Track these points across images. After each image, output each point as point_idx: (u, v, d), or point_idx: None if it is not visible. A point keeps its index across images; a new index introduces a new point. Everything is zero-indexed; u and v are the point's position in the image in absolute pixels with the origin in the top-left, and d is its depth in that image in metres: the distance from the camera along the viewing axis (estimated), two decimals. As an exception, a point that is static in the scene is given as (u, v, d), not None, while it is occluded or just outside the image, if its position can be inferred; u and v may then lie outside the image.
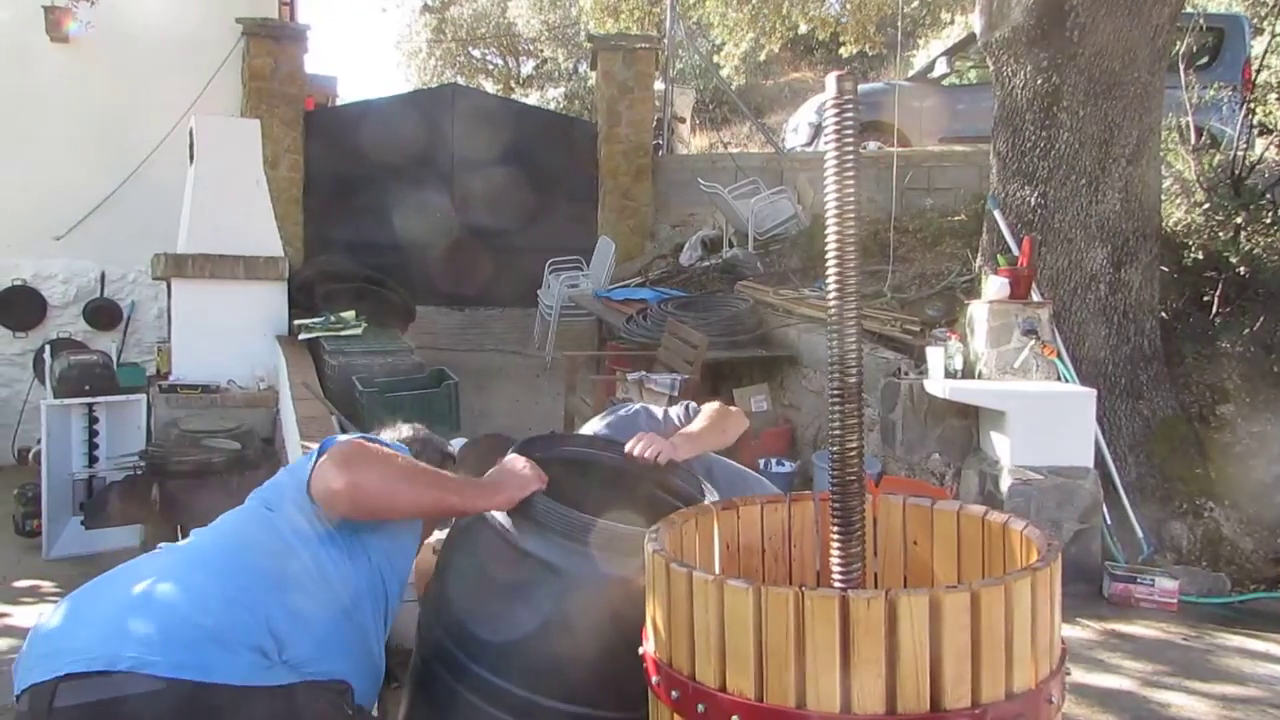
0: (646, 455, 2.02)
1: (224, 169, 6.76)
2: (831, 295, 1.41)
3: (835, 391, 1.42)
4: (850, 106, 1.38)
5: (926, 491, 4.89)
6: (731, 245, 8.17)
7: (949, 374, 4.95)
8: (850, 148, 1.38)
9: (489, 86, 19.93)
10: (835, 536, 1.44)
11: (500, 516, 1.78)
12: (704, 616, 1.27)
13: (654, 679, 1.38)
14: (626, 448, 2.04)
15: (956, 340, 5.08)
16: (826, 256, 1.42)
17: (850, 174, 1.38)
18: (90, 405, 6.01)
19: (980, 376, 4.94)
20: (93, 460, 6.00)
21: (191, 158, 6.80)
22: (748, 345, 6.30)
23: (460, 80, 18.93)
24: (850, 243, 1.40)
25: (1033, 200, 5.29)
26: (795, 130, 10.41)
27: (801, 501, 1.73)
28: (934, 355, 4.98)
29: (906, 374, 5.20)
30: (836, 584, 1.45)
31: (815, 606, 1.19)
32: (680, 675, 1.32)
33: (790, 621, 1.20)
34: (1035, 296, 5.02)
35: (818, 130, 9.77)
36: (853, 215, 1.40)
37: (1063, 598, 2.98)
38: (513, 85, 20.19)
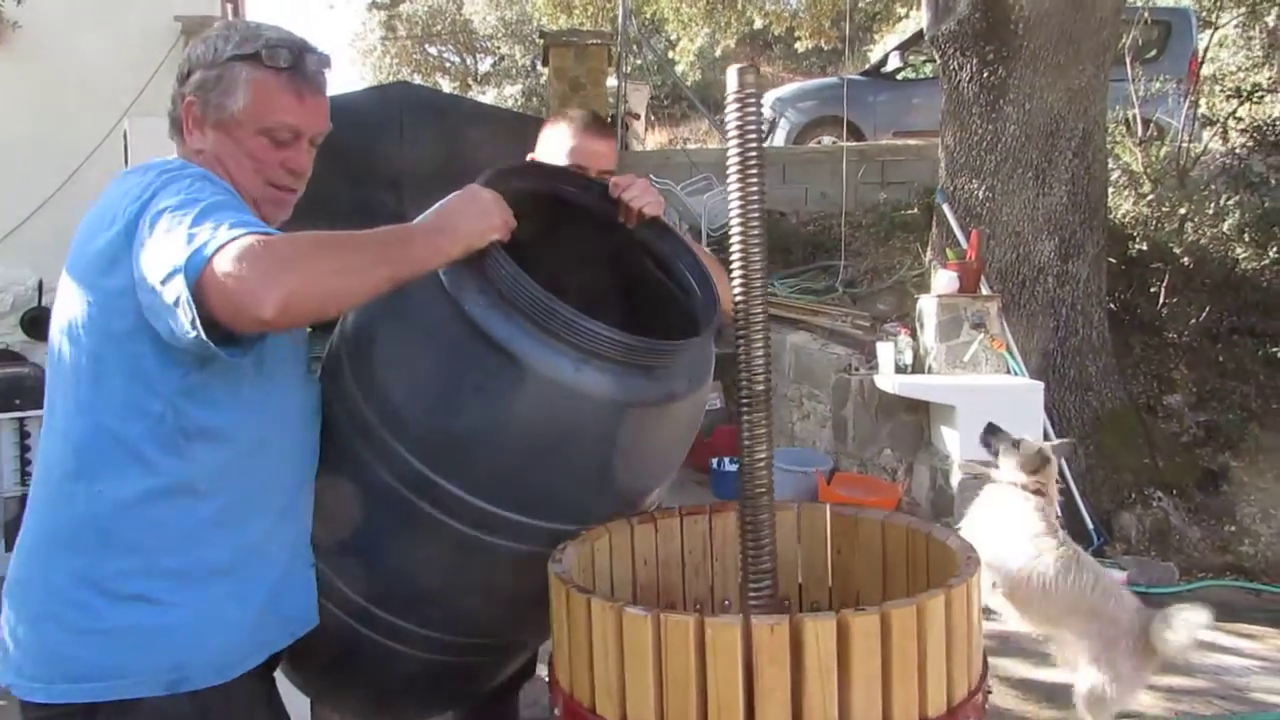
0: (635, 203, 1.65)
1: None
2: (738, 298, 1.34)
3: (744, 399, 1.35)
4: (752, 101, 1.31)
5: (878, 488, 4.86)
6: (686, 242, 8.11)
7: (899, 369, 4.93)
8: (753, 144, 1.32)
9: (446, 84, 19.73)
10: (747, 553, 1.38)
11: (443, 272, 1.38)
12: (603, 646, 1.20)
13: (555, 710, 1.30)
14: (613, 183, 1.67)
15: (906, 335, 5.06)
16: (731, 257, 1.34)
17: (754, 171, 1.31)
18: (21, 420, 5.80)
19: (930, 371, 4.93)
20: (25, 478, 5.79)
21: (126, 160, 6.61)
22: (700, 343, 6.25)
23: (417, 78, 18.72)
24: (756, 243, 1.33)
25: (980, 194, 5.28)
26: (750, 125, 10.35)
27: (723, 512, 1.67)
28: (884, 350, 4.95)
29: (857, 370, 5.17)
30: (751, 601, 1.38)
31: (716, 635, 1.12)
32: (582, 707, 1.24)
33: (691, 651, 1.13)
34: (984, 290, 5.01)
35: (772, 125, 9.74)
36: (758, 214, 1.33)
37: (1005, 597, 2.89)
38: (470, 83, 20.00)
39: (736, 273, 1.35)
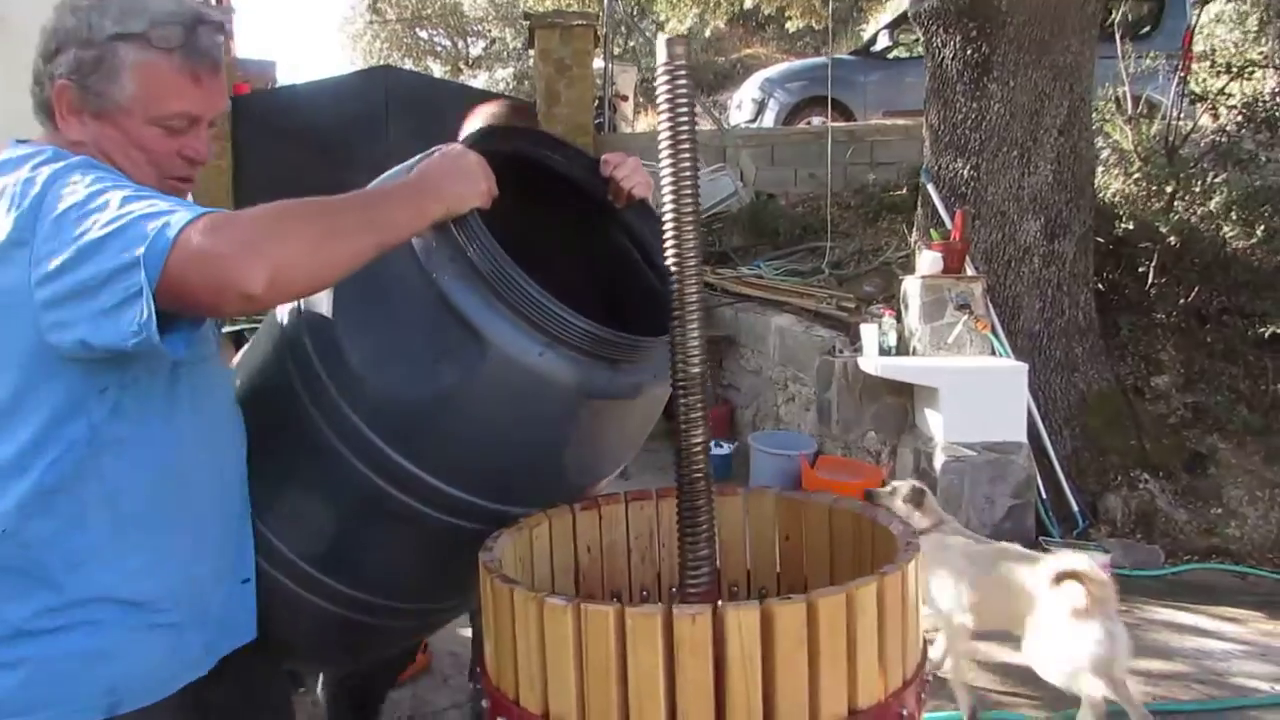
0: (625, 182, 1.56)
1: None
2: (672, 277, 1.30)
3: (679, 383, 1.31)
4: (683, 72, 1.26)
5: (862, 471, 4.82)
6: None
7: (883, 351, 4.88)
8: (685, 117, 1.27)
9: (436, 68, 19.59)
10: (683, 540, 1.34)
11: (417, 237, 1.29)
12: (525, 637, 1.16)
13: (484, 703, 1.27)
14: (604, 159, 1.59)
15: (890, 316, 5.01)
16: (664, 235, 1.30)
17: (686, 146, 1.27)
18: None
19: (914, 353, 4.88)
20: None
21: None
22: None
23: (408, 63, 18.58)
24: (688, 220, 1.28)
25: (965, 173, 5.22)
26: (739, 107, 10.30)
27: (670, 497, 1.62)
28: (868, 332, 4.90)
29: (841, 352, 5.12)
30: (687, 590, 1.34)
31: (636, 625, 1.08)
32: (507, 699, 1.21)
33: (611, 642, 1.09)
34: (969, 270, 4.96)
35: (761, 106, 9.66)
36: (691, 191, 1.28)
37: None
38: (461, 67, 19.86)
39: (670, 252, 1.30)
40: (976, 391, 4.54)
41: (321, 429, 1.40)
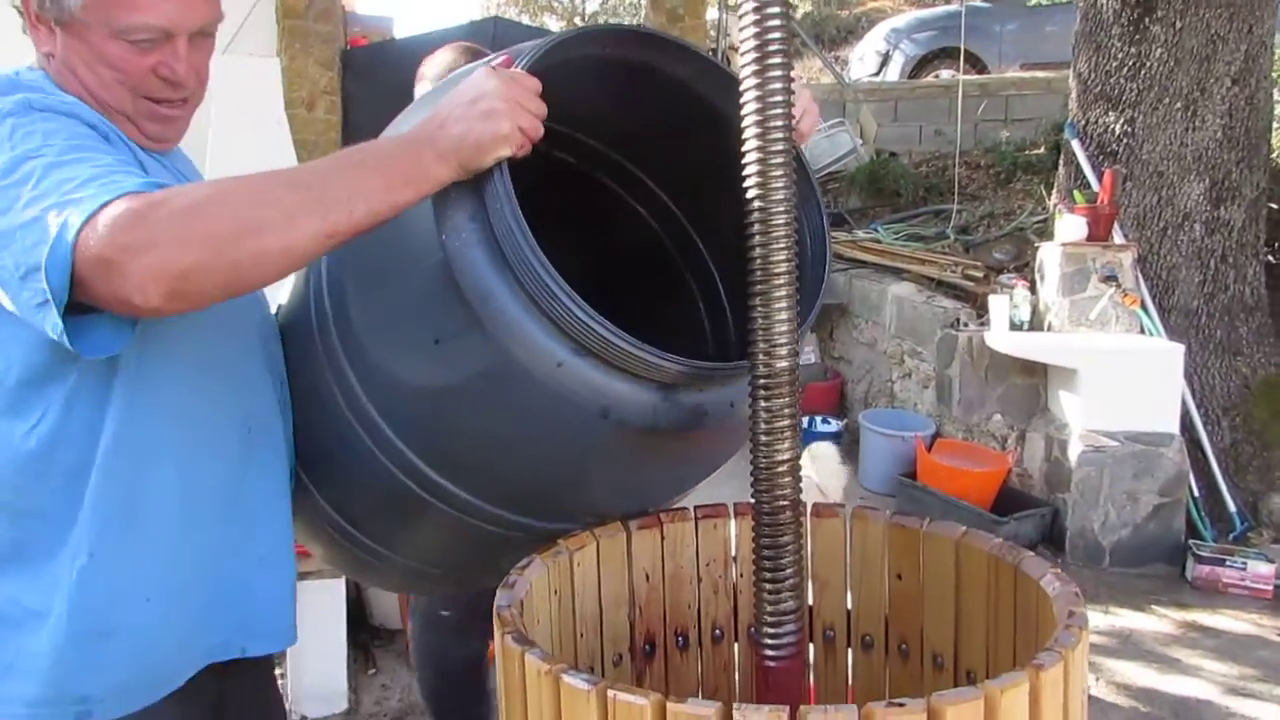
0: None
1: (242, 110, 6.47)
2: (755, 241, 0.97)
3: (760, 381, 0.98)
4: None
5: (985, 457, 4.39)
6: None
7: (1014, 326, 4.41)
8: (777, 30, 0.93)
9: (553, 23, 19.37)
10: (761, 590, 1.02)
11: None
12: (539, 718, 0.87)
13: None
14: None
15: (1024, 288, 4.51)
16: (745, 183, 0.97)
17: (777, 61, 0.93)
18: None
19: (1050, 329, 4.39)
20: None
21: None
22: (794, 293, 5.80)
23: (525, 18, 18.40)
24: (777, 166, 0.95)
25: (1118, 128, 4.64)
26: (861, 59, 9.69)
27: (749, 516, 1.31)
28: (997, 305, 4.43)
29: (966, 325, 4.66)
30: (765, 654, 1.02)
31: (681, 727, 0.77)
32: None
33: (648, 745, 0.78)
34: (1117, 238, 4.42)
35: (885, 58, 9.06)
36: (782, 126, 0.94)
37: (1138, 580, 2.47)
38: (577, 21, 19.59)
39: (754, 207, 0.97)
40: (1122, 374, 4.04)
41: (333, 391, 1.18)
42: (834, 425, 5.27)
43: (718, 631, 1.31)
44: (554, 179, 1.37)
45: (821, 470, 2.69)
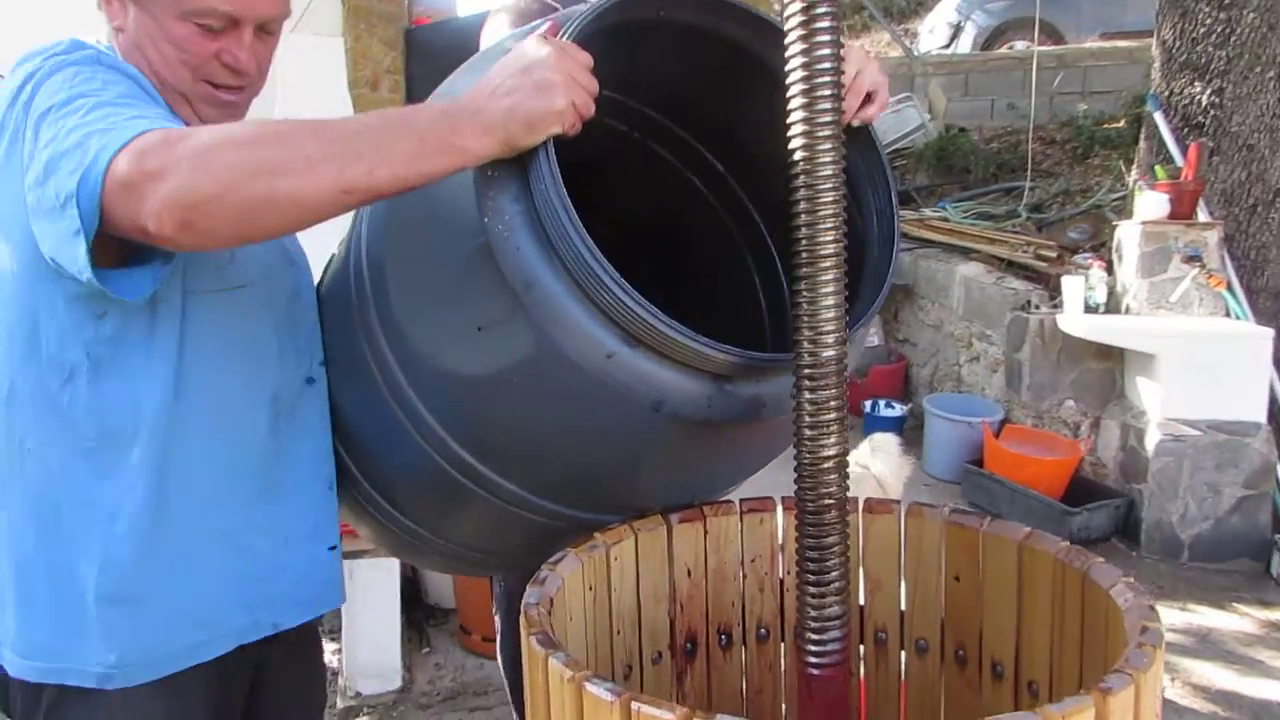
0: (858, 85, 1.08)
1: (307, 90, 6.53)
2: (800, 223, 0.90)
3: (805, 370, 0.92)
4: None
5: (1056, 445, 4.23)
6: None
7: (1089, 308, 4.23)
8: (827, 9, 0.85)
9: None
10: (804, 595, 0.95)
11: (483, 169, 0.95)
12: (561, 728, 0.82)
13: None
14: None
15: (1100, 268, 4.33)
16: (791, 152, 0.90)
17: (825, 24, 0.85)
18: None
19: (1128, 311, 4.20)
20: None
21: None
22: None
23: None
24: (826, 139, 0.87)
25: (1204, 99, 4.41)
26: (931, 31, 9.40)
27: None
28: (1071, 286, 4.25)
29: (1037, 307, 4.49)
30: (808, 663, 0.96)
31: (710, 748, 0.71)
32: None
33: (674, 762, 0.73)
34: (1202, 216, 4.20)
35: (956, 29, 8.77)
36: (831, 93, 0.87)
37: (1219, 577, 2.35)
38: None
39: (799, 182, 0.90)
40: (1205, 360, 3.84)
41: (370, 367, 1.14)
42: (898, 409, 5.14)
43: (763, 630, 1.25)
44: (607, 149, 1.31)
45: (884, 462, 2.60)
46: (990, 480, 4.22)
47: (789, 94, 0.90)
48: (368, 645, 2.84)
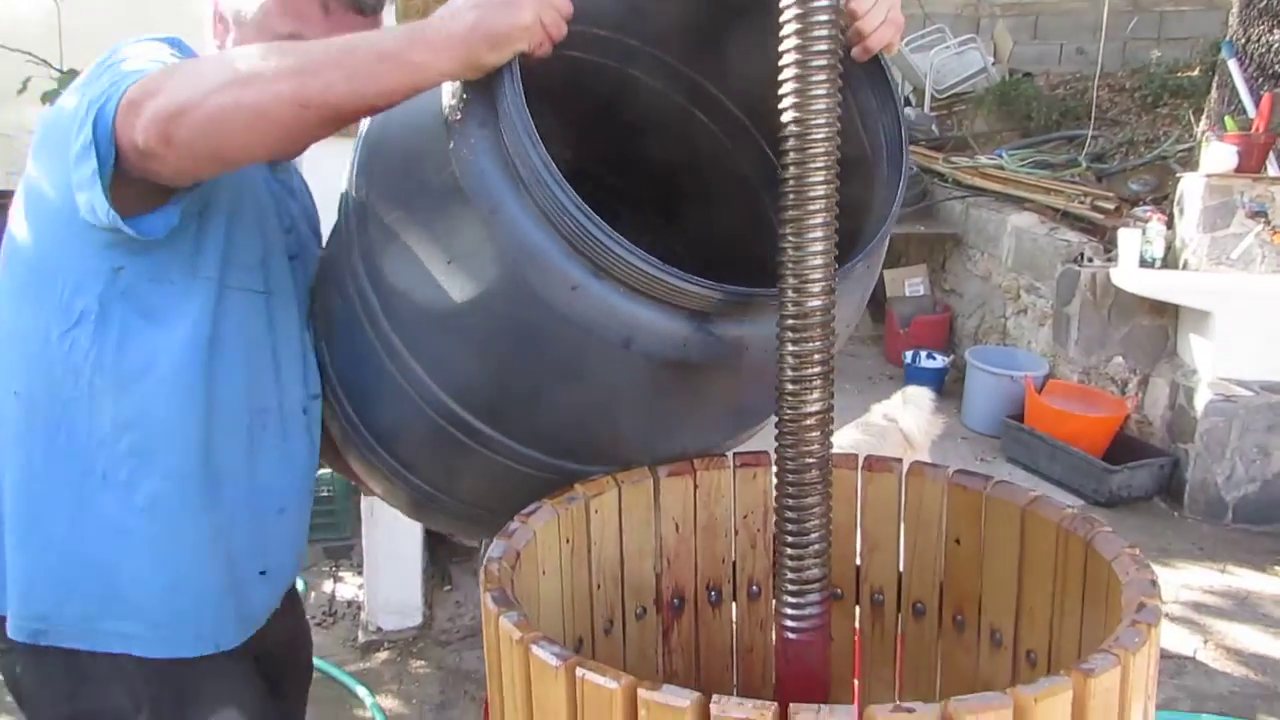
0: (869, 21, 0.98)
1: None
2: (789, 161, 0.84)
3: (789, 320, 0.86)
4: None
5: (1102, 401, 4.10)
6: (909, 104, 7.17)
7: (1144, 262, 4.06)
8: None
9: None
10: (780, 556, 0.91)
11: (449, 95, 0.93)
12: (511, 691, 0.79)
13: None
14: None
15: (1160, 221, 4.14)
16: (781, 101, 0.83)
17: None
18: None
19: (1185, 267, 4.03)
20: None
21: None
22: (906, 220, 5.48)
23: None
24: (820, 70, 0.81)
25: (1282, 44, 4.15)
26: (999, -31, 8.99)
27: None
28: (1127, 239, 4.08)
29: (1090, 260, 4.32)
30: (785, 626, 0.92)
31: (654, 718, 0.68)
32: (497, 757, 0.85)
33: (617, 730, 0.70)
34: (1271, 170, 3.99)
35: (1025, -32, 8.37)
36: (828, 23, 0.80)
37: (1263, 539, 2.26)
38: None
39: (790, 117, 0.84)
40: (1263, 319, 3.68)
41: (354, 305, 1.12)
42: (939, 361, 5.02)
43: (755, 588, 1.21)
44: (627, 99, 1.25)
45: (914, 416, 2.53)
46: (1030, 435, 4.11)
47: (782, 19, 0.83)
48: (389, 581, 2.87)
